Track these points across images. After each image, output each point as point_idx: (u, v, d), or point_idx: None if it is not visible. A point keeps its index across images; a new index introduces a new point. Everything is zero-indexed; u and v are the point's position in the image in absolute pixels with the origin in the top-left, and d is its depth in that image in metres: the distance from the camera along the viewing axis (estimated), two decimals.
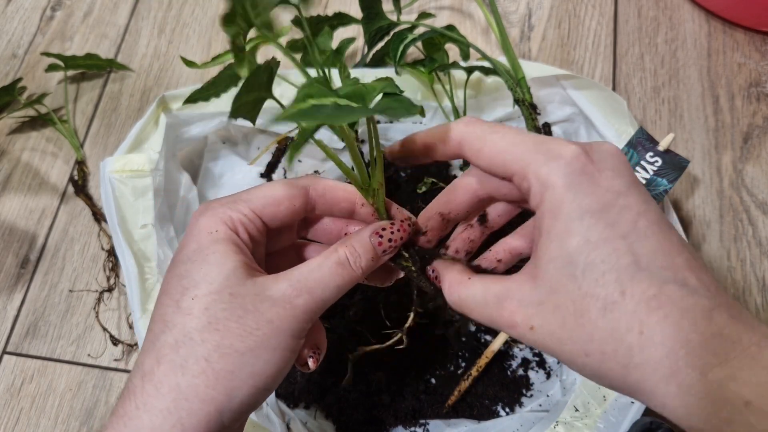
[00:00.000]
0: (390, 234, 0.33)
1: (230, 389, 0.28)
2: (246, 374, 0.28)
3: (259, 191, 0.32)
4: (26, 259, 0.67)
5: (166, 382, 0.28)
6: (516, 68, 0.59)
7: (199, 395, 0.27)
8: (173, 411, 0.27)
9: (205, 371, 0.28)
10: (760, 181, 0.64)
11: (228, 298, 0.29)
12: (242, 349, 0.28)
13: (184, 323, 0.28)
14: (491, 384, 0.56)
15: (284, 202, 0.32)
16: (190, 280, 0.29)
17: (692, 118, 0.68)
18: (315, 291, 0.30)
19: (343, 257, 0.31)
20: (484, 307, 0.29)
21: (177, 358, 0.28)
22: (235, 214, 0.31)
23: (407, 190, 0.62)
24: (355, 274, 0.31)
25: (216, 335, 0.28)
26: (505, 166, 0.28)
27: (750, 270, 0.61)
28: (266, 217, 0.32)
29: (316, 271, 0.31)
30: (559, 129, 0.63)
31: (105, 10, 0.80)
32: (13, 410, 0.60)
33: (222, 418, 0.28)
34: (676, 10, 0.74)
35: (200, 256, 0.30)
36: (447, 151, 0.31)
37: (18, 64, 0.77)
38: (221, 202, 0.32)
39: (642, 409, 0.47)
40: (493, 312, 0.28)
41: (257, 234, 0.32)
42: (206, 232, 0.30)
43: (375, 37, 0.63)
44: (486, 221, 0.34)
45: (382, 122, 0.64)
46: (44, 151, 0.72)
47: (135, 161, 0.57)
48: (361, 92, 0.28)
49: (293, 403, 0.56)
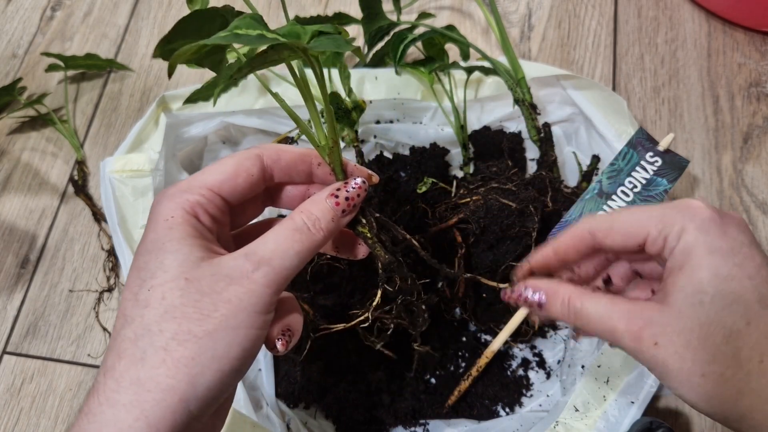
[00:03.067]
0: (346, 193, 0.32)
1: (192, 376, 0.27)
2: (207, 359, 0.27)
3: (213, 168, 0.31)
4: (26, 259, 0.67)
5: (127, 376, 0.27)
6: (516, 68, 0.59)
7: (160, 386, 0.27)
8: (135, 404, 0.27)
9: (164, 361, 0.27)
10: (760, 181, 0.64)
11: (184, 284, 0.28)
12: (200, 334, 0.27)
13: (143, 315, 0.28)
14: (491, 384, 0.56)
15: (241, 174, 0.31)
16: (147, 271, 0.29)
17: (692, 118, 0.68)
18: (273, 261, 0.29)
19: (300, 222, 0.31)
20: (608, 320, 0.31)
21: (137, 351, 0.27)
22: (192, 196, 0.30)
23: (407, 190, 0.62)
24: (315, 237, 0.31)
25: (173, 323, 0.27)
26: (638, 231, 0.32)
27: None
28: (225, 193, 0.31)
29: (273, 241, 0.30)
30: (559, 129, 0.63)
31: (105, 10, 0.80)
32: (13, 410, 0.60)
33: (188, 407, 0.27)
34: (676, 10, 0.74)
35: (156, 246, 0.29)
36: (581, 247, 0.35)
37: (18, 64, 0.77)
38: (178, 187, 0.31)
39: (642, 409, 0.47)
40: (617, 324, 0.31)
41: (218, 213, 0.31)
42: (162, 219, 0.30)
43: (375, 37, 0.63)
44: (611, 284, 0.38)
45: (382, 122, 0.64)
46: (44, 151, 0.72)
47: (135, 161, 0.57)
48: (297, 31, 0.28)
49: (293, 403, 0.56)
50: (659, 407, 0.55)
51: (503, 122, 0.64)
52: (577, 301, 0.32)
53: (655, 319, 0.30)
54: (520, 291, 0.35)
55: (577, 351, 0.53)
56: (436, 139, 0.63)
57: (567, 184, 0.61)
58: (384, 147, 0.66)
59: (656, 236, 0.31)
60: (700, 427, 0.55)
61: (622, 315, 0.31)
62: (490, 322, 0.57)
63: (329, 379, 0.56)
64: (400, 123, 0.63)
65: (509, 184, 0.53)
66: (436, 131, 0.63)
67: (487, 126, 0.63)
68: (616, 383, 0.48)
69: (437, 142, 0.63)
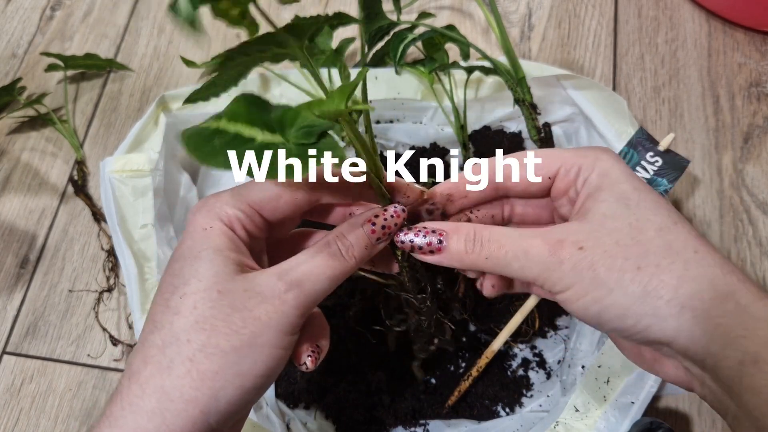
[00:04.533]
0: (383, 221, 0.32)
1: (215, 390, 0.27)
2: (232, 374, 0.27)
3: (258, 185, 0.31)
4: (26, 259, 0.67)
5: (152, 383, 0.27)
6: (516, 68, 0.59)
7: (183, 396, 0.27)
8: (157, 412, 0.27)
9: (189, 372, 0.27)
10: (761, 181, 0.64)
11: (216, 296, 0.28)
12: (227, 349, 0.27)
13: (172, 323, 0.28)
14: (491, 384, 0.56)
15: (284, 196, 0.31)
16: (180, 278, 0.29)
17: (692, 118, 0.68)
18: (305, 284, 0.29)
19: (334, 248, 0.30)
20: (520, 240, 0.29)
21: (163, 359, 0.27)
22: (232, 210, 0.30)
23: None
24: (348, 264, 0.31)
25: (202, 335, 0.27)
26: (550, 165, 0.32)
27: (750, 270, 0.61)
28: (266, 212, 0.31)
29: (307, 263, 0.30)
30: (559, 129, 0.63)
31: (105, 10, 0.80)
32: (13, 410, 0.60)
33: (208, 420, 0.27)
34: (676, 10, 0.74)
35: (192, 254, 0.29)
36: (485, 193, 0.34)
37: (18, 64, 0.77)
38: (219, 198, 0.31)
39: (642, 409, 0.47)
40: (532, 241, 0.29)
41: (255, 230, 0.31)
42: (201, 228, 0.30)
43: (375, 37, 0.63)
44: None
45: (382, 122, 0.63)
46: (44, 151, 0.72)
47: (135, 161, 0.57)
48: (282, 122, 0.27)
49: (293, 403, 0.56)
50: (659, 407, 0.55)
51: (503, 122, 0.64)
52: (485, 231, 0.30)
53: (576, 229, 0.29)
54: (419, 229, 0.32)
55: (577, 351, 0.53)
56: (436, 139, 0.63)
57: None
58: (384, 147, 0.66)
59: (568, 169, 0.31)
60: (700, 427, 0.55)
61: (538, 233, 0.29)
62: (490, 322, 0.57)
63: (329, 379, 0.56)
64: (400, 123, 0.63)
65: None
66: (436, 131, 0.63)
67: (487, 126, 0.63)
68: (616, 383, 0.48)
69: (437, 142, 0.63)
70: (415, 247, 0.32)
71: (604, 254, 0.28)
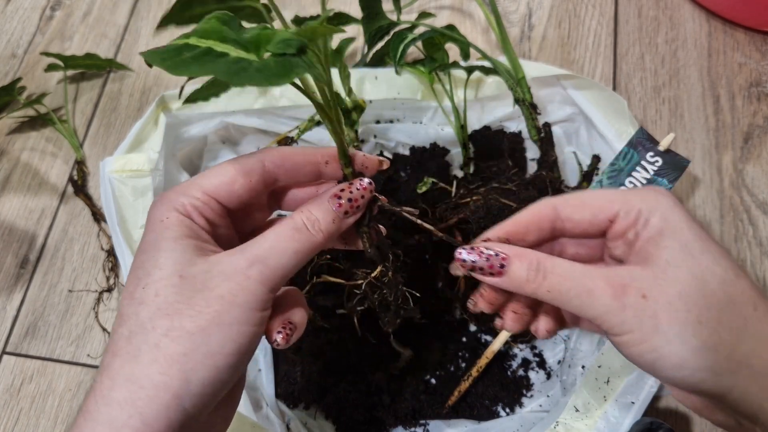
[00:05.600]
0: (349, 194, 0.32)
1: (185, 372, 0.27)
2: (201, 355, 0.27)
3: (211, 173, 0.32)
4: (26, 259, 0.67)
5: (121, 374, 0.27)
6: (516, 68, 0.59)
7: (153, 382, 0.27)
8: (129, 401, 0.27)
9: (156, 358, 0.27)
10: (761, 181, 0.64)
11: (178, 281, 0.28)
12: (193, 330, 0.27)
13: (137, 313, 0.28)
14: (491, 384, 0.56)
15: (238, 180, 0.31)
16: (143, 270, 0.29)
17: (692, 118, 0.68)
18: (269, 259, 0.29)
19: (299, 222, 0.31)
20: (583, 279, 0.29)
21: (131, 349, 0.27)
22: (187, 199, 0.31)
23: (407, 190, 0.61)
24: (314, 237, 0.31)
25: (166, 320, 0.27)
26: (611, 206, 0.31)
27: (750, 270, 0.61)
28: (222, 197, 0.31)
29: (270, 239, 0.30)
30: (559, 129, 0.63)
31: (104, 10, 0.80)
32: (13, 410, 0.60)
33: (183, 405, 0.27)
34: (676, 10, 0.74)
35: (152, 246, 0.29)
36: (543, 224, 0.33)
37: (17, 64, 0.77)
38: (174, 190, 0.31)
39: (642, 409, 0.47)
40: (595, 283, 0.29)
41: (214, 216, 0.31)
42: (158, 221, 0.30)
43: (375, 37, 0.63)
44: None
45: (382, 122, 0.63)
46: (44, 151, 0.72)
47: (135, 161, 0.57)
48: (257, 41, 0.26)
49: (293, 403, 0.56)
50: (659, 407, 0.55)
51: (503, 122, 0.64)
52: (547, 262, 0.30)
53: (640, 275, 0.29)
54: (481, 250, 0.31)
55: (577, 351, 0.53)
56: (436, 139, 0.63)
57: (567, 184, 0.61)
58: (384, 147, 0.66)
59: (628, 211, 0.31)
60: (700, 427, 0.55)
61: (601, 275, 0.29)
62: (490, 322, 0.57)
63: (329, 379, 0.56)
64: (400, 123, 0.63)
65: (509, 184, 0.53)
66: (436, 131, 0.63)
67: (487, 126, 0.63)
68: (616, 383, 0.48)
69: (437, 142, 0.63)
70: (476, 267, 0.31)
71: (667, 305, 0.28)
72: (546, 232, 0.33)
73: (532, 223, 0.33)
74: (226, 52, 0.26)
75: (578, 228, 0.33)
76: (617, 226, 0.32)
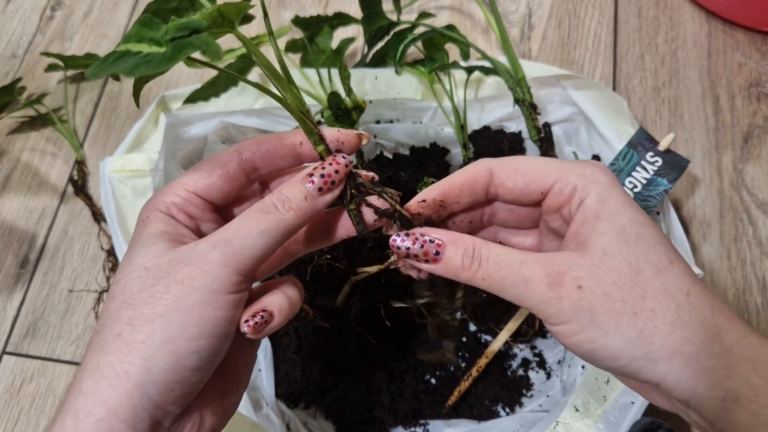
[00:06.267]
0: (322, 170, 0.31)
1: (146, 360, 0.27)
2: (159, 341, 0.27)
3: (192, 169, 0.32)
4: (26, 259, 0.67)
5: (89, 366, 0.28)
6: (516, 68, 0.59)
7: (115, 371, 0.27)
8: (94, 391, 0.27)
9: (118, 347, 0.27)
10: (761, 181, 0.64)
11: (143, 272, 0.29)
12: (152, 317, 0.27)
13: (108, 308, 0.29)
14: (491, 384, 0.56)
15: (215, 171, 0.32)
16: (119, 269, 0.30)
17: (692, 118, 0.68)
18: (233, 241, 0.29)
19: (268, 203, 0.30)
20: (520, 266, 0.29)
21: (99, 341, 0.28)
22: (168, 197, 0.31)
23: (407, 190, 0.61)
24: (284, 216, 0.30)
25: (129, 310, 0.28)
26: (545, 178, 0.31)
27: (750, 270, 0.61)
28: (202, 191, 0.32)
29: (236, 222, 0.30)
30: (559, 129, 0.63)
31: (105, 10, 0.80)
32: (13, 410, 0.60)
33: (147, 392, 0.27)
34: (676, 10, 0.74)
35: (131, 245, 0.30)
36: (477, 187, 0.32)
37: (18, 64, 0.77)
38: (160, 191, 0.32)
39: (642, 409, 0.47)
40: (532, 271, 0.28)
41: (196, 211, 0.32)
42: (141, 221, 0.31)
43: (375, 37, 0.63)
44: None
45: (382, 122, 0.63)
46: (44, 151, 0.72)
47: (135, 161, 0.57)
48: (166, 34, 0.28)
49: (293, 403, 0.56)
50: (659, 407, 0.55)
51: (503, 122, 0.64)
52: (483, 248, 0.29)
53: (576, 262, 0.28)
54: (416, 236, 0.30)
55: None
56: (436, 139, 0.63)
57: None
58: (384, 147, 0.66)
59: (563, 186, 0.30)
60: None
61: (538, 261, 0.29)
62: (490, 322, 0.57)
63: (329, 379, 0.56)
64: (400, 123, 0.63)
65: None
66: (436, 131, 0.63)
67: (487, 126, 0.63)
68: (616, 383, 0.48)
69: (437, 142, 0.63)
70: (411, 254, 0.30)
71: (603, 296, 0.28)
72: (480, 195, 0.33)
73: (467, 185, 0.32)
74: (140, 50, 0.28)
75: (510, 195, 0.32)
76: (551, 200, 0.31)
